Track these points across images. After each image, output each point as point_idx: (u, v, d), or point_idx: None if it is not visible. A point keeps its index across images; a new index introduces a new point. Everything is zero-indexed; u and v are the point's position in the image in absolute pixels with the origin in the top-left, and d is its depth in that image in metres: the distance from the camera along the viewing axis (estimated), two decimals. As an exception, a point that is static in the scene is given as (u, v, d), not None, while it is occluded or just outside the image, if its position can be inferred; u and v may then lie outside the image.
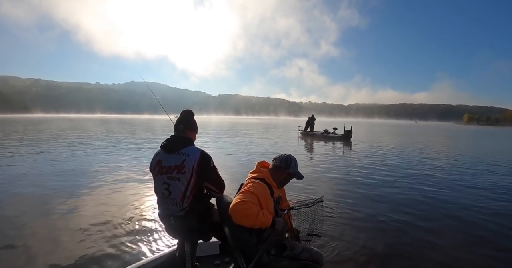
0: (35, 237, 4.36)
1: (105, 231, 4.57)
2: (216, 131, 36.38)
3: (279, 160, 2.48)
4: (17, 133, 27.22)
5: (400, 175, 9.58)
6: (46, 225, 4.83)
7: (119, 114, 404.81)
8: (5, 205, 5.96)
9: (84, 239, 4.29)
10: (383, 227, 4.98)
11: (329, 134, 26.43)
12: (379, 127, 67.27)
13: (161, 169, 2.37)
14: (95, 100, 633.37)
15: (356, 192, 7.32)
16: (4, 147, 16.05)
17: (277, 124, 72.91)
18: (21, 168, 9.73)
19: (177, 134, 2.49)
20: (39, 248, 4.02)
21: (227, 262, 2.99)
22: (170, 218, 2.34)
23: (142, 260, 2.92)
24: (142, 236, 4.39)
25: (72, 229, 4.64)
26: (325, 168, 10.81)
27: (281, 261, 2.22)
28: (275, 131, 40.29)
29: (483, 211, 5.88)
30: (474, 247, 4.29)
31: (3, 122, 62.34)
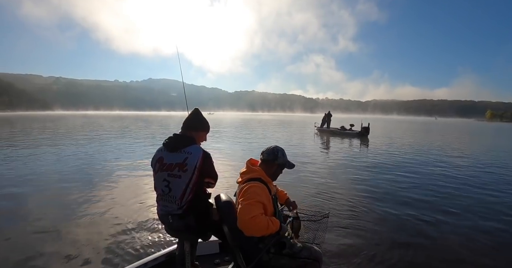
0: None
1: (114, 226, 4.58)
2: (232, 127, 36.38)
3: (266, 153, 2.46)
4: (48, 129, 27.94)
5: (422, 176, 9.22)
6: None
7: (137, 111, 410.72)
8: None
9: (88, 234, 4.32)
10: (403, 226, 4.77)
11: (345, 130, 25.98)
12: (397, 124, 65.93)
13: (162, 166, 2.38)
14: (113, 97, 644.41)
15: (372, 191, 7.07)
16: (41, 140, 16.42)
17: (293, 121, 72.43)
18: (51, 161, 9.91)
19: (180, 133, 2.52)
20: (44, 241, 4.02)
21: (227, 261, 3.00)
22: (168, 217, 2.35)
23: (142, 259, 2.91)
24: (148, 232, 4.38)
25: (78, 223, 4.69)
26: (341, 166, 10.58)
27: (280, 259, 2.21)
28: (291, 127, 40.04)
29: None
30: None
31: (28, 119, 64.19)
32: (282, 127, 39.51)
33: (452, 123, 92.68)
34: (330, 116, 28.68)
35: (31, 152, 12.60)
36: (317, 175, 8.74)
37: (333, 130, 27.20)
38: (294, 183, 7.60)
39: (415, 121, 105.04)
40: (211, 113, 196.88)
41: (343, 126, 26.87)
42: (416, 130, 39.72)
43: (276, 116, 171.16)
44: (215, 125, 40.13)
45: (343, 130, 26.25)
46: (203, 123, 2.61)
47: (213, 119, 67.57)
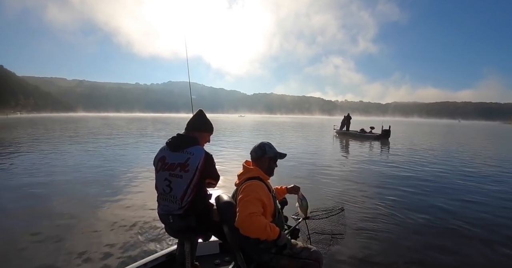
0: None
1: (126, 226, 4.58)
2: (249, 130, 36.39)
3: (254, 151, 2.48)
4: (70, 130, 28.60)
5: (446, 182, 8.90)
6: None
7: (157, 113, 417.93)
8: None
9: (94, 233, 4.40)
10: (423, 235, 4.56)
11: (365, 133, 25.55)
12: (419, 127, 64.51)
13: (163, 166, 2.38)
14: (134, 100, 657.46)
15: (393, 196, 6.85)
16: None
17: (311, 123, 71.94)
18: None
19: (183, 133, 2.51)
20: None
21: (227, 261, 2.99)
22: (169, 217, 2.35)
23: (142, 259, 2.91)
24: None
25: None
26: (361, 169, 10.38)
27: (281, 260, 2.21)
28: (309, 130, 39.70)
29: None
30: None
31: (54, 120, 66.18)
32: (301, 130, 39.20)
33: (476, 126, 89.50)
34: (350, 119, 28.27)
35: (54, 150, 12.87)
36: (336, 179, 8.58)
37: (353, 132, 26.83)
38: (312, 187, 7.47)
39: (437, 124, 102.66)
40: (242, 116, 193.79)
41: (363, 129, 26.50)
42: (439, 133, 38.74)
43: (294, 118, 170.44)
44: (234, 128, 40.26)
45: (363, 132, 25.86)
46: (206, 124, 2.61)
47: (235, 122, 67.82)
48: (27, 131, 29.67)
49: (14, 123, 48.76)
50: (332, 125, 31.98)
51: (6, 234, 4.49)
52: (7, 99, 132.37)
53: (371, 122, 40.06)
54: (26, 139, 20.64)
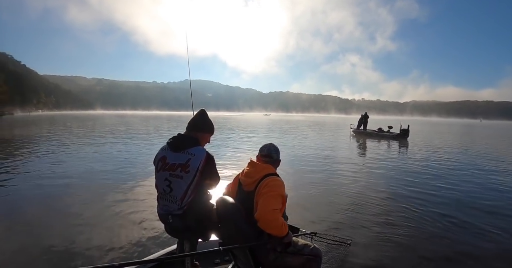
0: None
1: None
2: (265, 129, 36.21)
3: (271, 151, 2.49)
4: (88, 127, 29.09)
5: (470, 186, 8.44)
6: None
7: (173, 111, 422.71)
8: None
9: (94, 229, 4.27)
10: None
11: (383, 132, 24.97)
12: (439, 126, 62.78)
13: (164, 166, 2.38)
14: (151, 98, 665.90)
15: (410, 200, 6.50)
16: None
17: (327, 122, 71.20)
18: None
19: (184, 133, 2.52)
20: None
21: (227, 261, 3.01)
22: (168, 217, 2.34)
23: (142, 259, 2.94)
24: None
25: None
26: (379, 170, 10.01)
27: (285, 257, 2.26)
28: (325, 129, 39.19)
29: None
30: None
31: (75, 118, 67.63)
32: (317, 129, 38.72)
33: (499, 126, 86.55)
34: (367, 118, 27.67)
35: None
36: (351, 179, 8.30)
37: (370, 132, 26.28)
38: (327, 188, 7.21)
39: (457, 124, 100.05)
40: (268, 114, 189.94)
41: (381, 128, 25.97)
42: (460, 133, 37.63)
43: (310, 117, 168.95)
44: (248, 126, 40.18)
45: (381, 132, 25.29)
46: (208, 124, 2.61)
47: (255, 120, 67.83)
48: (48, 128, 30.37)
49: (36, 120, 50.03)
50: (349, 124, 31.48)
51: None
52: (29, 97, 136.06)
53: (389, 121, 39.34)
54: (47, 135, 21.19)
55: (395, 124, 25.93)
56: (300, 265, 2.29)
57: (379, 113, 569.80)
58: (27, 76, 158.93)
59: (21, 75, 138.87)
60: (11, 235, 4.38)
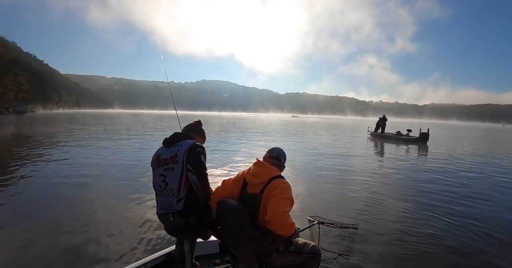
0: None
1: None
2: (281, 130, 35.96)
3: (280, 156, 2.52)
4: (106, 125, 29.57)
5: (497, 195, 8.00)
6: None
7: (190, 111, 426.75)
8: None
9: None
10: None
11: (402, 136, 24.36)
12: (459, 130, 61.08)
13: (159, 163, 2.42)
14: (169, 98, 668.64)
15: (435, 210, 6.19)
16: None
17: (343, 124, 70.25)
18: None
19: (178, 132, 2.61)
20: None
21: (227, 261, 2.96)
22: (169, 215, 2.33)
23: (141, 259, 2.90)
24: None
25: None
26: (396, 176, 9.70)
27: (288, 256, 2.30)
28: (342, 131, 38.57)
29: None
30: None
31: (95, 116, 68.96)
32: (333, 131, 38.18)
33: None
34: (385, 120, 27.10)
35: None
36: (367, 183, 8.05)
37: (388, 135, 25.71)
38: (341, 192, 6.98)
39: (479, 127, 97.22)
40: (296, 116, 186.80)
41: (399, 131, 25.36)
42: (481, 138, 36.39)
43: (326, 118, 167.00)
44: (265, 126, 39.97)
45: (399, 135, 24.68)
46: (202, 130, 2.74)
47: (280, 121, 67.60)
48: (66, 126, 31.00)
49: (56, 118, 51.19)
50: (365, 126, 30.95)
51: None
52: (51, 95, 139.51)
53: (407, 124, 38.48)
54: (66, 132, 21.61)
55: (414, 127, 25.34)
56: (301, 263, 2.34)
57: (396, 116, 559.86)
58: (49, 75, 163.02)
59: (44, 74, 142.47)
60: (29, 233, 4.46)
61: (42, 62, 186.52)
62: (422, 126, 23.72)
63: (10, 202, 5.98)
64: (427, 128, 22.74)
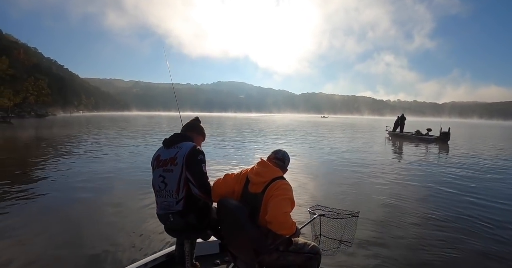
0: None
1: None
2: (296, 132, 35.67)
3: (287, 159, 2.54)
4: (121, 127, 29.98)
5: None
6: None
7: (205, 112, 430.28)
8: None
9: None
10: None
11: (421, 135, 23.67)
12: (481, 129, 59.17)
13: (158, 163, 2.44)
14: (185, 99, 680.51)
15: (452, 217, 5.85)
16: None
17: (360, 124, 69.21)
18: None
19: (178, 132, 2.61)
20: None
21: (227, 261, 2.99)
22: (169, 216, 2.35)
23: (141, 259, 2.91)
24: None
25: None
26: (417, 178, 9.33)
27: (288, 256, 2.29)
28: (359, 131, 37.94)
29: None
30: None
31: (112, 118, 70.30)
32: (350, 131, 37.59)
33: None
34: (404, 119, 26.41)
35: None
36: (385, 185, 7.74)
37: (407, 134, 25.05)
38: (357, 193, 6.71)
39: (501, 126, 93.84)
40: (326, 116, 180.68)
41: (419, 131, 24.65)
42: (505, 137, 35.02)
43: (342, 118, 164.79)
44: (279, 127, 39.72)
45: (419, 135, 23.98)
46: (201, 128, 2.72)
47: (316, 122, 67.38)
48: (85, 128, 31.61)
49: (76, 121, 52.37)
50: (381, 125, 30.29)
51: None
52: (70, 99, 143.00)
53: (426, 123, 37.53)
54: (85, 134, 22.00)
55: (433, 126, 24.65)
56: (301, 263, 2.33)
57: (414, 115, 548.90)
58: (69, 79, 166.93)
59: (64, 79, 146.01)
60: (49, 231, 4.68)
61: (63, 67, 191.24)
62: (442, 125, 22.99)
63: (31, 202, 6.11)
64: (447, 127, 21.97)
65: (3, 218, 5.16)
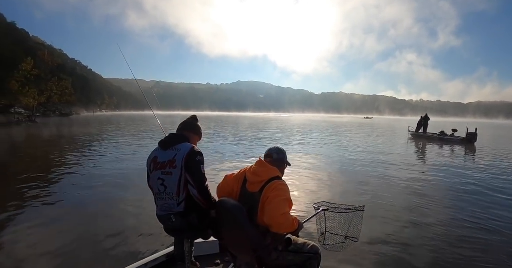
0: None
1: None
2: (314, 131, 35.16)
3: (277, 153, 2.52)
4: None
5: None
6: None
7: (224, 111, 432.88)
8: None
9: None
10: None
11: (446, 136, 22.77)
12: (507, 129, 56.64)
13: (156, 165, 2.40)
14: (205, 99, 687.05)
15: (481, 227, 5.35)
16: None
17: (380, 124, 67.73)
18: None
19: (174, 133, 2.56)
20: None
21: (227, 261, 2.98)
22: (170, 216, 2.35)
23: (142, 259, 2.90)
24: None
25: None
26: (441, 182, 8.79)
27: (287, 256, 2.29)
28: (376, 130, 36.99)
29: None
30: None
31: (134, 118, 71.59)
32: (368, 132, 36.70)
33: None
34: (427, 120, 25.53)
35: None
36: (406, 188, 7.29)
37: (431, 135, 24.18)
38: (376, 195, 6.31)
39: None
40: (370, 117, 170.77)
41: (443, 131, 23.67)
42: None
43: (385, 119, 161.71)
44: (294, 127, 39.20)
45: (443, 135, 23.07)
46: (198, 127, 2.67)
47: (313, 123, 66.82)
48: (108, 126, 32.09)
49: (98, 120, 53.50)
50: (402, 126, 29.34)
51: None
52: (93, 99, 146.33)
53: (450, 123, 36.22)
54: (107, 132, 22.22)
55: (457, 127, 23.78)
56: (301, 263, 2.32)
57: (437, 115, 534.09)
58: (92, 79, 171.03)
59: (87, 79, 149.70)
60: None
61: (86, 67, 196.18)
62: (468, 125, 21.98)
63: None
64: (473, 127, 21.04)
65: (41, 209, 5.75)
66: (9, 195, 6.70)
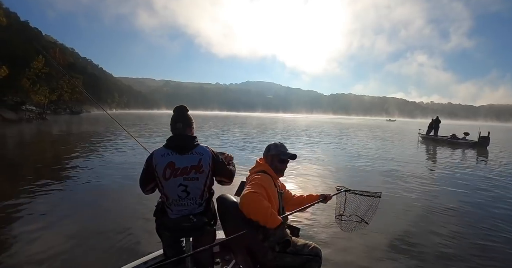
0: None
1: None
2: (322, 135, 34.96)
3: (265, 151, 2.62)
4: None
5: None
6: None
7: (233, 111, 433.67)
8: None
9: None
10: None
11: (458, 140, 22.43)
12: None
13: (175, 171, 2.26)
14: (214, 99, 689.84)
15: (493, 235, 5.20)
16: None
17: (389, 127, 67.04)
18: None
19: (180, 133, 2.38)
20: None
21: (227, 260, 2.97)
22: (190, 217, 2.27)
23: (141, 258, 2.87)
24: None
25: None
26: (450, 184, 8.61)
27: (284, 258, 2.25)
28: (385, 132, 36.56)
29: None
30: None
31: (143, 117, 72.10)
32: (377, 133, 36.33)
33: None
34: (439, 122, 25.13)
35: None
36: (416, 193, 7.15)
37: (442, 138, 23.84)
38: (387, 199, 6.20)
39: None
40: (392, 120, 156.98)
41: (454, 134, 23.35)
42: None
43: (376, 120, 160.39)
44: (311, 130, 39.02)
45: (455, 139, 22.73)
46: (192, 119, 2.52)
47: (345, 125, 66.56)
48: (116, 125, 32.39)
49: (107, 118, 53.91)
50: (413, 128, 28.97)
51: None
52: (104, 97, 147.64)
53: (461, 126, 35.68)
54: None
55: (468, 130, 23.41)
56: (300, 265, 2.27)
57: (448, 118, 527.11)
58: (103, 78, 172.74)
59: (98, 78, 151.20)
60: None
61: (97, 66, 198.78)
62: (480, 129, 21.59)
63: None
64: (485, 130, 20.69)
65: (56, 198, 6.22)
66: (18, 188, 6.89)
